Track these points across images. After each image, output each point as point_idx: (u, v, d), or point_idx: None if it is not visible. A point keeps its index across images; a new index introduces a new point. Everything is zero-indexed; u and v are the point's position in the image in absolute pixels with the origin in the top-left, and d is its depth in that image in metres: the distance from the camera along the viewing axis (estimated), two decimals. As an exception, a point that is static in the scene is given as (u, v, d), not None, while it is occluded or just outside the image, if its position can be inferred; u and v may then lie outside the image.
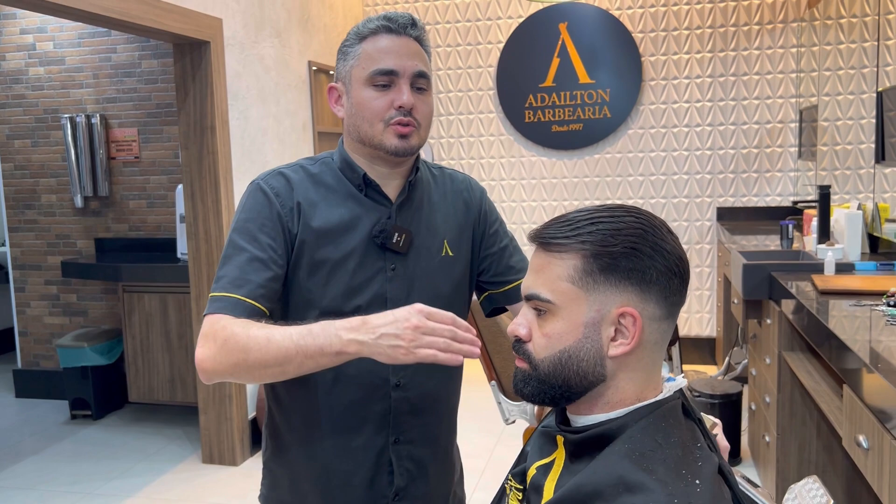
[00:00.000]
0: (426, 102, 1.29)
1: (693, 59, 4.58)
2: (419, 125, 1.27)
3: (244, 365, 1.12)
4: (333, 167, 1.33)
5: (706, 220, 4.66)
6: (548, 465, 0.95)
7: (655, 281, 0.89)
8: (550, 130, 4.77)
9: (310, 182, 1.30)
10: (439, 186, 1.41)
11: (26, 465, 3.57)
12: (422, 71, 1.27)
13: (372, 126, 1.26)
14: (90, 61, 4.35)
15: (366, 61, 1.26)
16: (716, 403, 3.20)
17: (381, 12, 1.31)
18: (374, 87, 1.25)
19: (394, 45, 1.25)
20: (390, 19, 1.27)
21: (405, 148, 1.26)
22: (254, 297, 1.19)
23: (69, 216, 4.51)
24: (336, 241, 1.27)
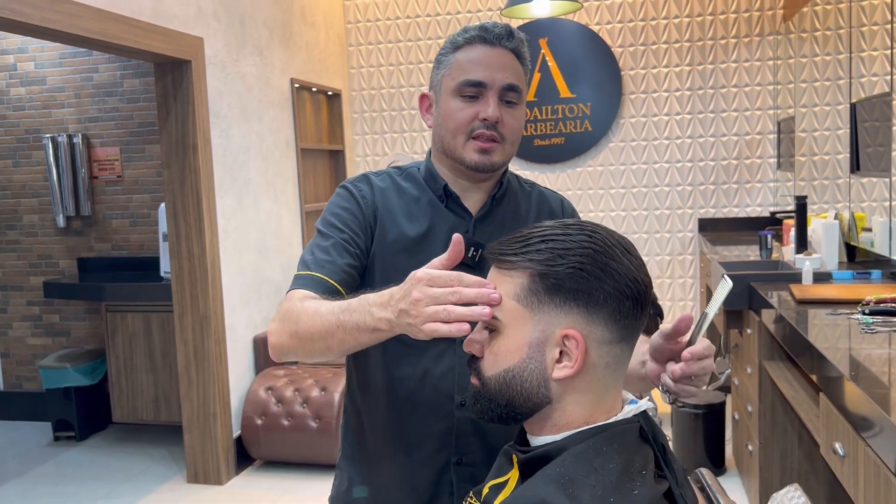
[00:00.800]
0: (515, 117, 1.25)
1: (672, 72, 4.64)
2: (504, 140, 1.23)
3: (296, 336, 1.10)
4: (418, 177, 1.32)
5: (688, 231, 4.70)
6: (501, 484, 0.93)
7: (603, 303, 0.85)
8: (533, 144, 4.81)
9: (393, 190, 1.30)
10: (527, 203, 1.37)
11: (9, 489, 3.53)
12: (512, 84, 1.23)
13: (455, 137, 1.23)
14: (71, 81, 4.35)
15: (456, 71, 1.24)
16: (700, 414, 3.22)
17: (476, 22, 1.29)
18: (462, 97, 1.23)
19: (486, 56, 1.23)
20: (486, 29, 1.25)
21: (485, 164, 1.23)
22: (331, 276, 1.18)
23: (51, 236, 4.49)
24: (411, 251, 1.25)
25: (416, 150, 5.03)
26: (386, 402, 1.28)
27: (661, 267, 4.75)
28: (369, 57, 5.05)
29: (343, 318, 1.03)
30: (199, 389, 3.42)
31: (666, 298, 4.74)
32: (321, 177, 4.73)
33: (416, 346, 1.21)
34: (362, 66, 5.06)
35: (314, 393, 3.50)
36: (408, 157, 4.86)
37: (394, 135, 5.07)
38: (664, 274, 4.75)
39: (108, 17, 2.81)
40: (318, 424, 3.44)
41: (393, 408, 1.27)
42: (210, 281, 3.37)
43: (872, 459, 1.40)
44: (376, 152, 5.11)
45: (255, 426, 3.52)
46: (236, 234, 3.65)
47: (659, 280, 4.74)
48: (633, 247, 0.91)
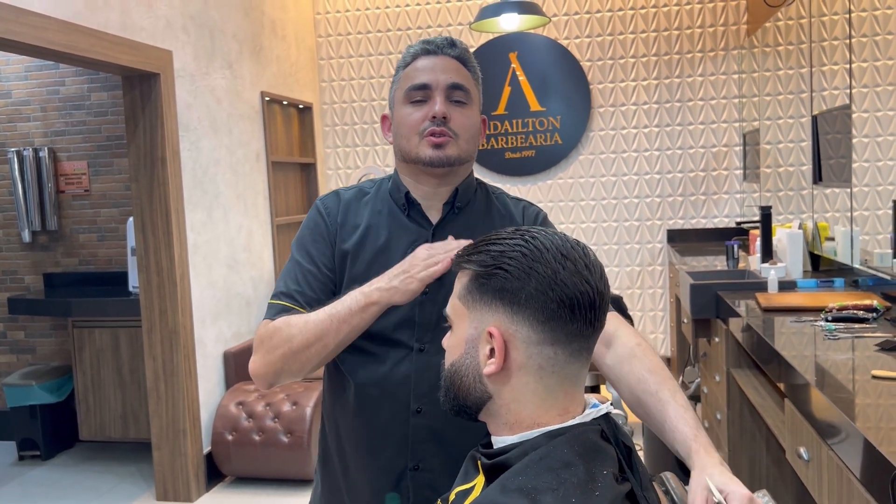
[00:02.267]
0: (464, 114, 1.30)
1: (640, 86, 4.71)
2: (456, 136, 1.29)
3: (291, 353, 1.20)
4: (385, 188, 1.38)
5: (657, 242, 4.76)
6: (467, 490, 0.95)
7: (525, 303, 0.89)
8: (504, 157, 4.84)
9: (359, 202, 1.37)
10: (490, 210, 1.40)
11: (-29, 510, 3.45)
12: (456, 83, 1.29)
13: (409, 140, 1.29)
14: (38, 94, 4.30)
15: (404, 81, 1.31)
16: (670, 422, 3.24)
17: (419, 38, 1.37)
18: (411, 103, 1.30)
19: (429, 62, 1.30)
20: (428, 42, 1.33)
21: (440, 157, 1.28)
22: (303, 306, 1.27)
23: (16, 251, 4.42)
24: (371, 261, 1.31)
25: (388, 162, 5.04)
26: (351, 409, 1.32)
27: (632, 278, 4.80)
28: (340, 70, 5.05)
29: (334, 311, 1.19)
30: (169, 405, 3.38)
31: (636, 309, 4.78)
32: (293, 190, 4.71)
33: (377, 354, 1.28)
34: (333, 79, 5.06)
35: (285, 407, 3.47)
36: (379, 170, 4.86)
37: (365, 147, 5.07)
38: (634, 285, 4.80)
39: (74, 29, 2.78)
40: (289, 439, 3.41)
41: (357, 414, 1.31)
42: (179, 295, 3.33)
43: (836, 463, 1.43)
44: (348, 165, 5.11)
45: (226, 442, 3.48)
46: (206, 247, 3.62)
47: (629, 290, 4.79)
48: (577, 254, 0.92)
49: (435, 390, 1.06)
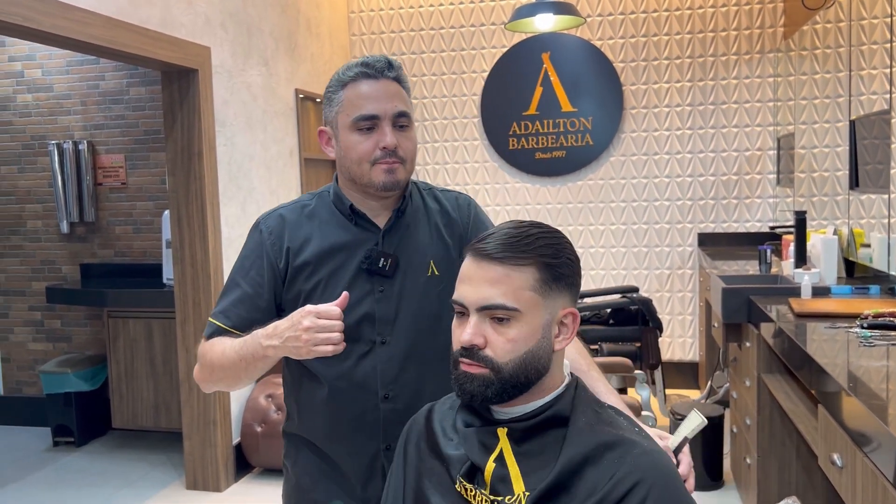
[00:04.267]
0: (409, 138, 1.39)
1: (673, 88, 4.68)
2: (404, 161, 1.37)
3: (215, 376, 1.38)
4: (327, 200, 1.46)
5: (688, 245, 4.73)
6: (499, 456, 1.06)
7: (577, 284, 1.10)
8: (534, 157, 4.84)
9: (305, 218, 1.44)
10: (427, 207, 1.49)
11: (7, 494, 3.53)
12: (402, 111, 1.37)
13: (360, 166, 1.36)
14: (78, 88, 4.39)
15: (349, 108, 1.36)
16: (698, 426, 3.22)
17: (359, 57, 1.42)
18: (359, 131, 1.35)
19: (373, 89, 1.35)
20: (367, 65, 1.37)
21: (393, 182, 1.37)
22: (239, 328, 1.38)
23: (55, 241, 4.51)
24: (325, 268, 1.39)
25: (418, 161, 5.05)
26: (321, 402, 1.41)
27: (661, 281, 4.78)
28: (373, 69, 5.08)
29: (242, 352, 1.31)
30: (200, 396, 3.43)
31: (665, 312, 4.76)
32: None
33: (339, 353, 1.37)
34: (366, 77, 5.09)
35: (314, 401, 3.51)
36: (410, 169, 4.89)
37: (396, 146, 5.10)
38: (663, 288, 4.78)
39: (117, 25, 2.84)
40: (317, 433, 3.45)
41: (327, 406, 1.40)
42: (213, 288, 3.39)
43: (870, 469, 1.42)
44: (379, 163, 5.14)
45: (255, 433, 3.52)
46: (239, 241, 3.65)
47: (658, 294, 4.77)
48: None
49: (400, 376, 1.36)
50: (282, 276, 1.41)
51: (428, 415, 1.19)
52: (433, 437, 1.14)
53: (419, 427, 1.19)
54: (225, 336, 1.39)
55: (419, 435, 1.18)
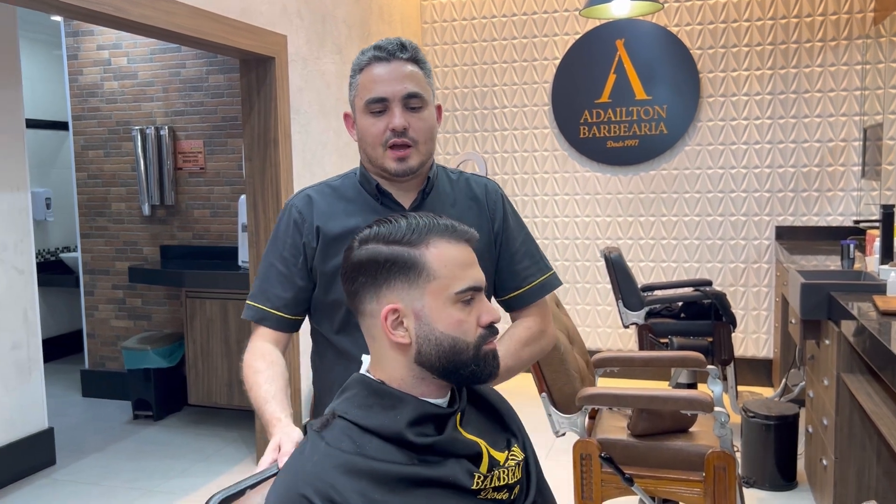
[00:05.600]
0: (422, 119, 1.38)
1: (753, 76, 4.53)
2: (417, 143, 1.38)
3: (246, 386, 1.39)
4: (354, 181, 1.48)
5: (764, 238, 4.59)
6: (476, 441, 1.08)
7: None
8: (605, 146, 4.77)
9: (332, 197, 1.47)
10: (455, 191, 1.50)
11: (90, 462, 3.72)
12: (412, 91, 1.36)
13: (374, 150, 1.39)
14: (161, 76, 4.54)
15: (362, 91, 1.39)
16: (771, 425, 3.14)
17: (377, 41, 1.41)
18: (371, 114, 1.37)
19: (383, 72, 1.37)
20: (380, 48, 1.38)
21: (404, 169, 1.38)
22: (278, 308, 1.44)
23: (137, 224, 4.70)
24: None
25: (486, 149, 5.06)
26: (348, 372, 1.45)
27: (735, 275, 4.65)
28: (444, 57, 5.10)
29: (259, 411, 1.29)
30: (272, 376, 3.52)
31: (739, 307, 4.63)
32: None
33: None
34: (436, 65, 5.11)
35: (381, 385, 3.56)
36: (479, 157, 4.89)
37: (465, 134, 5.11)
38: (738, 282, 4.65)
39: (200, 14, 2.93)
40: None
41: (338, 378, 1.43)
42: (285, 271, 3.46)
43: (960, 476, 1.36)
44: (447, 151, 5.16)
45: (324, 414, 3.60)
46: (311, 226, 3.74)
47: (732, 288, 4.64)
48: None
49: None
50: (312, 255, 1.44)
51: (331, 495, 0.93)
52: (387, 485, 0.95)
53: None
54: (268, 317, 1.44)
55: None
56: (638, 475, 2.22)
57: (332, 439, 0.98)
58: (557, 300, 2.66)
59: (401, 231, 1.03)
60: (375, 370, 1.07)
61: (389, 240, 1.04)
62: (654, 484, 2.23)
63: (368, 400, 1.02)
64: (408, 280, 1.02)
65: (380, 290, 1.03)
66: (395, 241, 1.03)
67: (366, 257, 1.04)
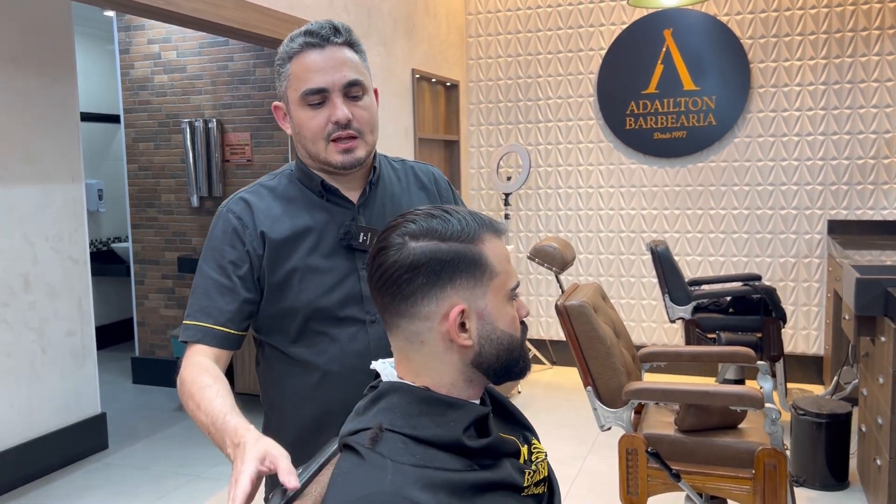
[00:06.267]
0: (364, 108, 1.29)
1: (806, 65, 4.41)
2: (362, 133, 1.28)
3: (188, 407, 1.19)
4: (293, 178, 1.36)
5: (816, 232, 4.47)
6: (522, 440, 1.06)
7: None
8: (652, 138, 4.70)
9: (271, 198, 1.34)
10: (402, 180, 1.43)
11: (141, 447, 3.82)
12: (352, 80, 1.26)
13: (315, 144, 1.28)
14: (209, 69, 4.62)
15: (296, 82, 1.26)
16: (822, 423, 3.07)
17: (304, 25, 1.29)
18: (309, 106, 1.26)
19: (318, 59, 1.25)
20: (312, 33, 1.26)
21: (351, 161, 1.28)
22: (221, 324, 1.27)
23: (185, 214, 4.79)
24: (302, 248, 1.30)
25: (530, 141, 5.02)
26: (308, 389, 1.32)
27: (785, 269, 4.55)
28: (488, 48, 5.08)
29: (211, 430, 1.09)
30: (316, 366, 3.56)
31: (789, 303, 4.53)
32: (436, 166, 4.80)
33: (328, 333, 1.30)
34: (481, 57, 5.09)
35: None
36: (523, 149, 4.86)
37: (508, 126, 5.08)
38: (788, 277, 4.54)
39: (248, 7, 2.97)
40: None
41: (316, 392, 1.31)
42: (330, 262, 3.49)
43: None
44: (490, 143, 5.14)
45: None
46: (356, 218, 3.77)
47: (782, 283, 4.54)
48: None
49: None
50: (259, 262, 1.30)
51: None
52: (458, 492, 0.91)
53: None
54: (210, 334, 1.25)
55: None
56: (685, 471, 2.19)
57: (392, 454, 0.89)
58: (603, 293, 2.64)
59: (454, 226, 0.95)
60: (416, 376, 0.97)
61: (446, 236, 0.94)
62: (701, 480, 2.20)
63: (414, 408, 0.94)
64: (473, 278, 0.94)
65: (443, 290, 0.93)
66: (452, 238, 0.94)
67: (425, 255, 0.93)
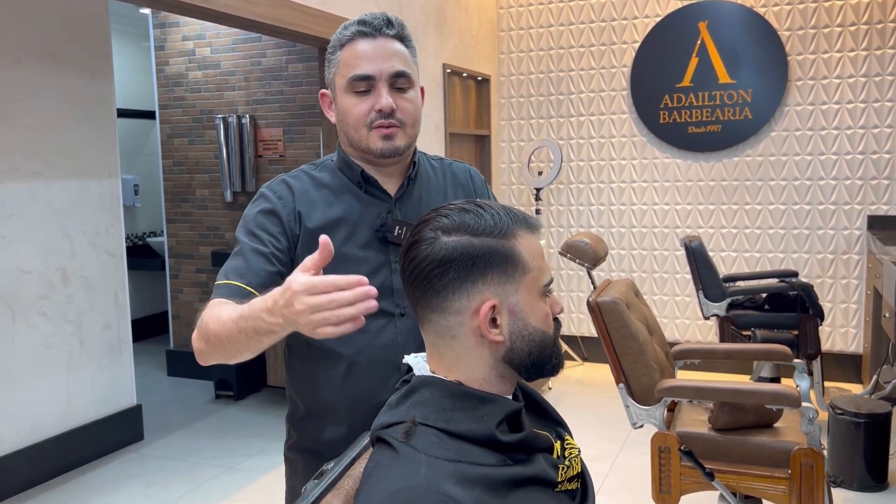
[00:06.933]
0: (409, 100, 1.30)
1: (846, 57, 4.31)
2: (404, 124, 1.29)
3: (210, 342, 1.13)
4: (333, 168, 1.37)
5: (855, 228, 4.38)
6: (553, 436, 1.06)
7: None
8: (686, 132, 4.63)
9: (311, 184, 1.34)
10: (439, 177, 1.43)
11: (175, 439, 3.87)
12: (399, 71, 1.27)
13: (357, 131, 1.29)
14: (242, 65, 4.66)
15: (344, 68, 1.28)
16: (861, 423, 3.00)
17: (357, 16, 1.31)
18: (355, 93, 1.27)
19: (369, 48, 1.27)
20: (365, 23, 1.28)
21: (391, 149, 1.28)
22: (252, 286, 1.21)
23: (219, 209, 4.85)
24: (337, 237, 1.28)
25: (561, 135, 4.99)
26: (337, 381, 1.30)
27: (823, 266, 4.46)
28: (520, 42, 5.04)
29: (241, 324, 1.06)
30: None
31: (826, 300, 4.44)
32: (467, 161, 4.80)
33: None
34: (512, 51, 5.07)
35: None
36: (554, 143, 4.82)
37: (540, 120, 5.05)
38: (825, 273, 4.45)
39: (280, 3, 2.98)
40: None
41: (344, 384, 1.30)
42: (361, 257, 3.51)
43: None
44: (521, 138, 5.11)
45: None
46: (387, 213, 3.78)
47: (819, 280, 4.45)
48: None
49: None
50: (296, 242, 1.30)
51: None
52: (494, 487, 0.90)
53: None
54: (239, 293, 1.20)
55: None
56: (719, 470, 2.16)
57: (425, 448, 0.89)
58: (636, 289, 2.61)
59: (487, 222, 0.95)
60: (449, 371, 0.98)
61: (478, 231, 0.95)
62: (735, 479, 2.17)
63: (446, 403, 0.95)
64: (505, 274, 0.94)
65: (475, 284, 0.94)
66: (484, 233, 0.95)
67: (457, 250, 0.94)
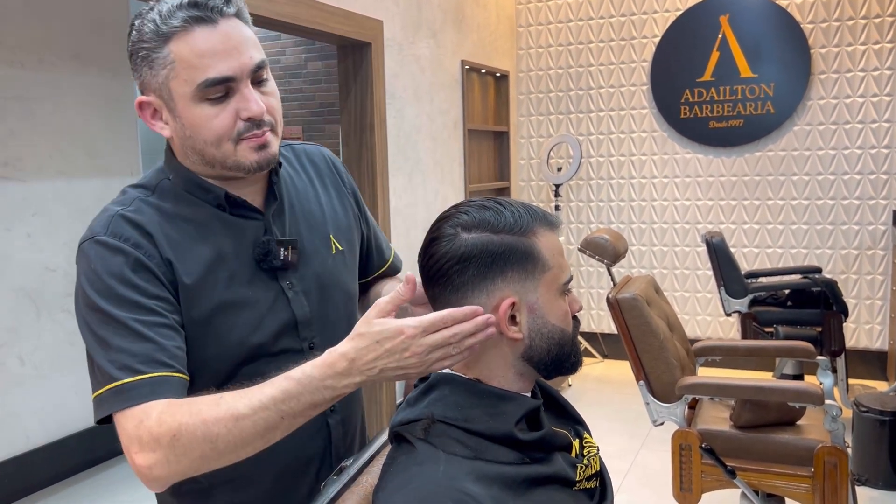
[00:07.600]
0: (272, 94, 1.05)
1: (870, 50, 4.25)
2: (274, 126, 1.05)
3: (213, 454, 0.90)
4: (178, 191, 1.06)
5: (880, 223, 4.31)
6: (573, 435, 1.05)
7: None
8: (708, 126, 4.59)
9: (162, 219, 1.04)
10: (299, 171, 1.20)
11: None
12: (259, 62, 1.01)
13: (219, 147, 1.01)
14: (262, 64, 4.69)
15: (185, 70, 0.97)
16: (886, 420, 2.96)
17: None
18: (208, 101, 0.99)
19: (214, 39, 0.97)
20: (197, 5, 0.97)
21: (267, 159, 1.04)
22: (176, 370, 0.95)
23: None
24: (220, 280, 1.04)
25: (581, 131, 4.96)
26: None
27: (847, 262, 4.40)
28: (538, 38, 5.03)
29: (285, 407, 0.89)
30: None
31: (850, 296, 4.38)
32: (486, 158, 4.79)
33: (266, 373, 0.95)
34: (531, 46, 5.05)
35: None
36: (574, 139, 4.80)
37: (559, 116, 5.03)
38: (850, 269, 4.40)
39: (299, 1, 2.99)
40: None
41: None
42: (381, 254, 3.52)
43: None
44: (540, 134, 5.10)
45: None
46: (406, 211, 3.79)
47: (844, 276, 4.40)
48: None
49: None
50: (175, 296, 1.01)
51: None
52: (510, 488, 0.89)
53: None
54: (167, 383, 0.93)
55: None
56: (740, 468, 2.14)
57: (444, 445, 0.88)
58: (657, 286, 2.59)
59: (507, 219, 0.94)
60: (467, 368, 0.97)
61: (498, 228, 0.93)
62: (757, 477, 2.15)
63: (465, 400, 0.93)
64: (524, 271, 0.93)
65: (494, 282, 0.92)
66: (504, 230, 0.93)
67: (476, 247, 0.92)
